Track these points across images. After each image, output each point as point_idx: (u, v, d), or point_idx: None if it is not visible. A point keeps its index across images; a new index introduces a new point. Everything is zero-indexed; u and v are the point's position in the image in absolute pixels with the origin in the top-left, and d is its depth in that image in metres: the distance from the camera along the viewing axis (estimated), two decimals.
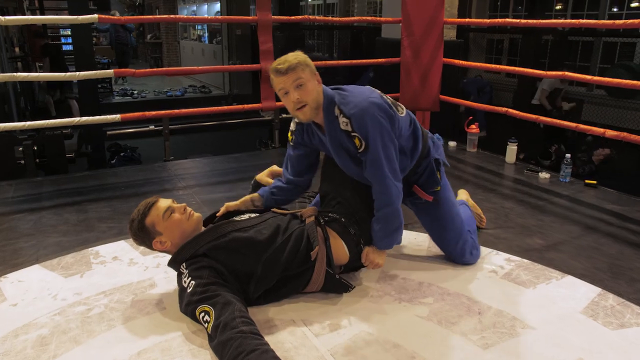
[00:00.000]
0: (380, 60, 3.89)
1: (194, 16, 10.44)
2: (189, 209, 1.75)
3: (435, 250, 2.11)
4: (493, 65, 3.77)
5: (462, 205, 2.20)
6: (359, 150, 1.69)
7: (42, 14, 9.65)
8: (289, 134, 1.89)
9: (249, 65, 3.38)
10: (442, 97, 3.85)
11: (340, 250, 1.79)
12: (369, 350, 1.50)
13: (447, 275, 1.95)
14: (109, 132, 4.20)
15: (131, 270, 2.00)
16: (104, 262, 2.07)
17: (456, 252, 1.99)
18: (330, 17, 3.94)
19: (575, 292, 1.85)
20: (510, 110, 3.33)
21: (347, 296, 1.78)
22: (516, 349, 1.52)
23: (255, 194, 1.96)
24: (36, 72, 8.91)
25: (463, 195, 2.39)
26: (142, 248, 2.08)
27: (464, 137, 4.16)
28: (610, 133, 2.75)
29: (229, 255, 1.63)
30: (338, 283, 1.76)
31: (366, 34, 12.07)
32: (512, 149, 3.55)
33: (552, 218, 2.58)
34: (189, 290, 1.56)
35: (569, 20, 3.12)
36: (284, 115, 5.11)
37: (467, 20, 4.09)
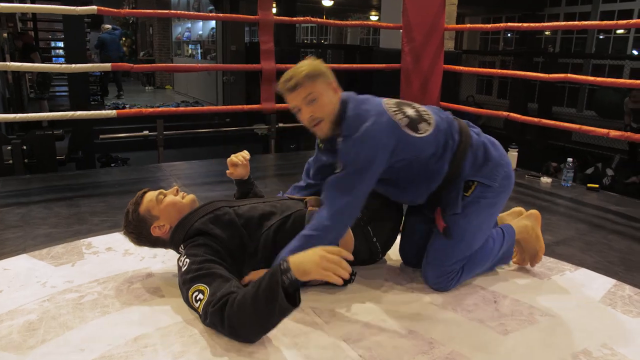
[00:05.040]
0: (381, 65, 3.88)
1: (195, 12, 10.31)
2: (181, 192, 1.69)
3: None
4: (496, 70, 3.76)
5: (499, 232, 1.78)
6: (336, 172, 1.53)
7: (34, 25, 9.62)
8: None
9: (251, 64, 3.31)
10: (443, 103, 3.83)
11: (347, 242, 1.69)
12: (384, 336, 1.41)
13: None
14: (101, 136, 4.09)
15: (126, 260, 1.89)
16: (97, 253, 1.96)
17: (434, 280, 1.67)
18: (335, 21, 3.89)
19: (591, 282, 1.78)
20: (512, 114, 3.31)
21: (356, 286, 1.68)
22: (538, 335, 1.44)
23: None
24: (25, 81, 8.83)
25: (522, 219, 1.87)
26: None
27: None
28: (614, 133, 2.73)
29: (224, 230, 1.55)
30: None
31: (360, 52, 12.22)
32: (512, 155, 3.51)
33: (558, 217, 2.53)
34: (183, 269, 1.47)
35: (580, 22, 3.13)
36: (280, 125, 5.08)
37: (468, 25, 4.08)
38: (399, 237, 1.85)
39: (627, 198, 2.92)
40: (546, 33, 11.26)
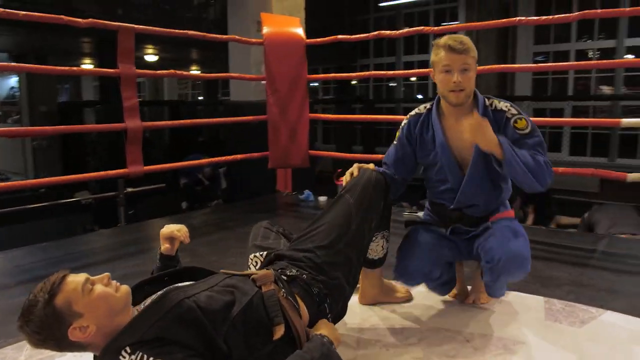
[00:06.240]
0: (248, 117, 3.78)
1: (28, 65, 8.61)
2: (113, 282, 1.31)
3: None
4: (354, 116, 3.97)
5: None
6: (523, 132, 1.65)
7: None
8: (399, 131, 1.86)
9: (114, 124, 2.90)
10: (312, 152, 3.88)
11: (303, 314, 1.50)
12: None
13: (407, 313, 1.83)
14: None
15: None
16: None
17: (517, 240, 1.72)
18: (204, 74, 3.67)
19: (526, 303, 1.90)
20: None
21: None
22: None
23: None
24: None
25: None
26: (26, 352, 1.52)
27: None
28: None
29: (189, 332, 1.21)
30: None
31: (185, 107, 11.91)
32: None
33: None
34: None
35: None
36: (129, 190, 4.55)
37: (332, 75, 4.24)
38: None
39: None
40: (352, 82, 12.52)
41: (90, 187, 8.65)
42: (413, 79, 11.73)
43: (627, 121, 2.54)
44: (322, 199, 4.05)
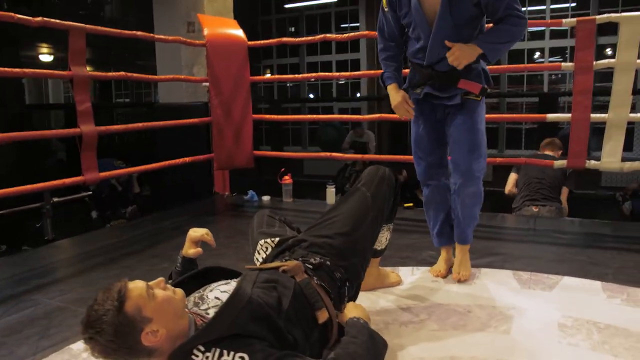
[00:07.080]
0: (194, 120, 3.72)
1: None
2: (168, 285, 1.33)
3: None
4: (294, 116, 4.09)
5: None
6: None
7: None
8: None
9: (68, 130, 2.72)
10: (257, 152, 3.93)
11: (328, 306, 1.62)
12: None
13: (407, 294, 2.04)
14: None
15: None
16: None
17: (472, 159, 2.06)
18: (146, 76, 3.52)
19: (500, 277, 2.20)
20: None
21: None
22: (525, 324, 1.74)
23: (400, 91, 2.07)
24: None
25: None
26: None
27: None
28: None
29: (259, 326, 1.27)
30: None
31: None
32: (331, 191, 3.88)
33: (417, 236, 2.93)
34: None
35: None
36: (55, 199, 4.23)
37: (276, 76, 4.30)
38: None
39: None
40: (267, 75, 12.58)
41: None
42: (313, 79, 12.07)
43: (551, 116, 2.99)
44: (266, 198, 4.12)
